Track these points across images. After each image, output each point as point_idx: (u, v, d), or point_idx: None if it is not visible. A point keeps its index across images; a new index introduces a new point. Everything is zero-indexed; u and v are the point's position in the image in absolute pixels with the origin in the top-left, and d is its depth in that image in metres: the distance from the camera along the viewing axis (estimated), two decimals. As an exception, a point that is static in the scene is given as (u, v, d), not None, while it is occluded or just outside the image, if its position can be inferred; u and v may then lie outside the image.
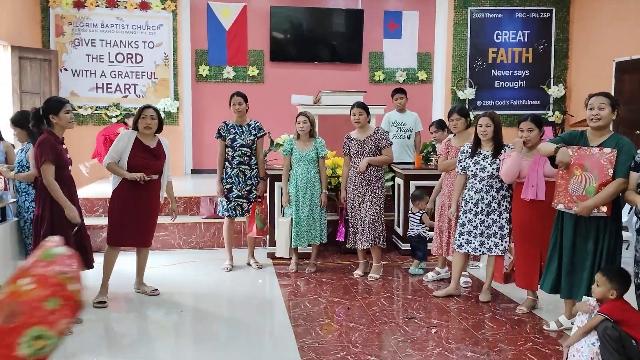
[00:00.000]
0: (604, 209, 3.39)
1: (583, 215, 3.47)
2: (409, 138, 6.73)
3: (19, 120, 4.58)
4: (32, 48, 8.17)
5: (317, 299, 4.55)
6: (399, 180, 6.04)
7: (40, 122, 3.95)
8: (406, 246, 5.87)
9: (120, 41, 8.89)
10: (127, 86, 8.95)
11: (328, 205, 5.40)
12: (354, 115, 5.04)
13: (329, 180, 5.64)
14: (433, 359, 3.40)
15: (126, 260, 4.77)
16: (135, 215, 4.35)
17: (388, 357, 3.45)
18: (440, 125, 5.81)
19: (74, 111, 8.58)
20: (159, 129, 4.47)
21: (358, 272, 5.18)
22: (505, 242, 4.38)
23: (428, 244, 5.20)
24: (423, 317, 4.17)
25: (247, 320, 4.15)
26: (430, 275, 5.06)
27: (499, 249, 4.38)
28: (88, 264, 3.99)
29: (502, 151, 4.35)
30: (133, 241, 4.49)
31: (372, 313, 4.20)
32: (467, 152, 4.49)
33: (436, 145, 5.83)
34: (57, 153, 3.79)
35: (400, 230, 6.01)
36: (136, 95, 8.89)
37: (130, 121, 7.86)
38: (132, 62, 8.95)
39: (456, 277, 4.61)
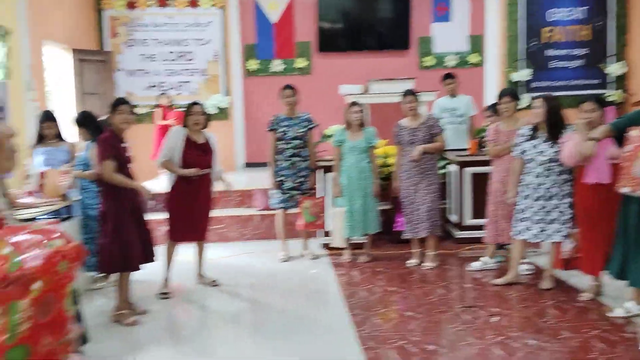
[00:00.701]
0: None
1: None
2: (462, 123, 6.58)
3: (82, 120, 4.78)
4: (90, 50, 8.50)
5: (373, 288, 4.55)
6: (453, 167, 5.94)
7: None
8: (461, 234, 5.78)
9: (172, 40, 9.10)
10: (180, 84, 9.16)
11: (380, 195, 5.37)
12: (408, 103, 4.98)
13: (380, 169, 5.61)
14: (494, 348, 3.34)
15: (187, 253, 4.92)
16: (192, 211, 4.48)
17: (448, 345, 3.42)
18: (495, 109, 5.66)
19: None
20: (205, 125, 4.57)
21: (413, 261, 5.14)
22: (567, 227, 4.23)
23: (479, 231, 5.06)
24: (482, 305, 4.10)
25: (304, 309, 4.20)
26: (477, 264, 4.96)
27: (560, 235, 4.25)
28: (151, 257, 4.13)
29: (562, 133, 4.20)
30: (191, 236, 4.63)
31: (429, 302, 4.17)
32: (525, 135, 4.36)
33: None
34: (117, 151, 3.93)
35: (455, 218, 5.91)
36: (189, 93, 9.09)
37: (163, 100, 8.13)
38: (183, 60, 9.15)
39: (515, 264, 4.50)
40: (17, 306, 0.95)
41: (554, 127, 4.23)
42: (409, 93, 5.03)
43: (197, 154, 4.48)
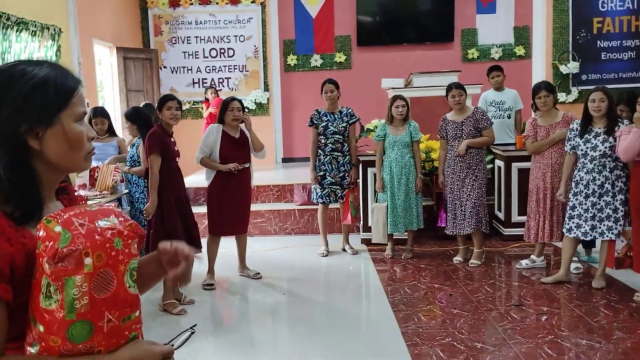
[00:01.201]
0: None
1: None
2: (509, 117, 6.39)
3: (132, 115, 4.87)
4: (134, 48, 8.67)
5: (417, 284, 4.47)
6: (499, 162, 5.77)
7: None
8: (508, 231, 5.61)
9: (213, 37, 9.20)
10: (220, 80, 9.26)
11: (423, 191, 5.27)
12: (454, 96, 4.86)
13: (422, 164, 5.50)
14: (545, 347, 3.22)
15: (230, 246, 4.95)
16: (233, 205, 4.53)
17: (496, 344, 3.31)
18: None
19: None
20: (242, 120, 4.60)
21: (458, 258, 5.02)
22: (620, 225, 4.05)
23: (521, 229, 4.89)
24: (531, 304, 3.96)
25: (345, 304, 4.16)
26: (525, 262, 4.79)
27: (612, 233, 4.06)
28: (195, 247, 4.16)
29: (616, 128, 4.01)
30: (232, 229, 4.68)
31: (476, 300, 4.06)
32: (576, 129, 4.19)
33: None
34: (165, 145, 4.00)
35: (501, 215, 5.75)
36: (229, 89, 9.17)
37: (210, 95, 8.09)
38: (224, 57, 9.24)
39: (566, 263, 4.33)
40: (72, 281, 0.95)
41: (613, 121, 4.04)
42: (455, 86, 4.91)
43: (235, 148, 4.52)
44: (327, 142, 5.23)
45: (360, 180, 5.62)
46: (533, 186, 4.68)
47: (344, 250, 5.50)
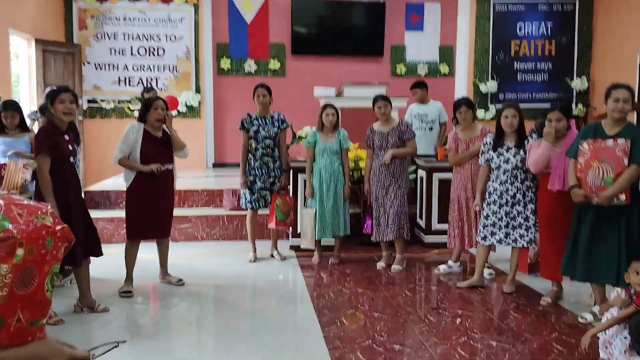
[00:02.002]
0: (623, 197, 3.49)
1: (605, 205, 3.55)
2: (431, 130, 6.69)
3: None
4: (56, 41, 8.30)
5: (341, 289, 4.57)
6: (422, 173, 6.03)
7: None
8: (429, 238, 5.86)
9: (143, 35, 8.99)
10: (149, 79, 9.04)
11: (350, 198, 5.41)
12: (380, 108, 5.04)
13: (351, 172, 5.65)
14: (458, 348, 3.41)
15: (151, 251, 4.84)
16: (154, 207, 4.39)
17: (413, 345, 3.47)
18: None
19: (97, 104, 8.86)
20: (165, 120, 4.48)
21: (381, 264, 5.19)
22: (531, 233, 4.36)
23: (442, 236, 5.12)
24: (447, 307, 4.17)
25: (271, 310, 4.19)
26: (443, 268, 5.05)
27: (524, 241, 4.36)
28: (94, 252, 3.99)
29: (526, 142, 4.32)
30: (153, 233, 4.53)
31: (396, 303, 4.22)
32: (489, 143, 4.47)
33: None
34: (55, 144, 3.69)
35: (422, 223, 6.00)
36: (158, 89, 8.96)
37: (147, 93, 7.74)
38: (154, 56, 9.04)
39: (480, 268, 4.59)
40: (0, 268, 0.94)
41: (522, 136, 4.36)
42: (381, 97, 5.10)
43: (157, 149, 4.39)
44: (258, 146, 5.25)
45: (290, 186, 5.68)
46: (454, 196, 4.93)
47: (272, 256, 5.52)
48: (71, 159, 3.83)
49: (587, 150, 3.60)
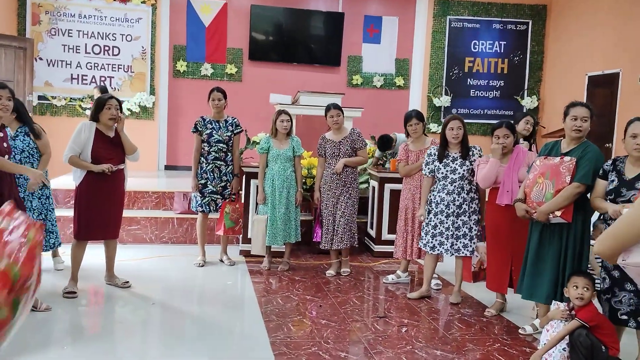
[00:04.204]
0: (558, 213, 3.50)
1: (543, 221, 3.60)
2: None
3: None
4: (7, 35, 8.01)
5: (290, 296, 4.56)
6: (374, 183, 6.10)
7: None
8: (379, 248, 5.92)
9: (98, 33, 8.78)
10: (102, 78, 8.83)
11: (302, 205, 5.42)
12: (332, 116, 5.08)
13: (304, 180, 5.66)
14: (403, 357, 3.44)
15: (97, 253, 4.70)
16: (103, 208, 4.31)
17: (359, 353, 3.48)
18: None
19: (47, 101, 8.57)
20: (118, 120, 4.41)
21: (331, 272, 5.20)
22: (474, 243, 4.45)
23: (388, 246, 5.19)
24: (394, 316, 4.21)
25: (217, 315, 4.13)
26: (391, 277, 5.10)
27: (467, 250, 4.46)
28: None
29: (470, 153, 4.43)
30: (101, 234, 4.44)
31: (343, 311, 4.23)
32: (434, 154, 4.55)
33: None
34: None
35: (373, 233, 6.06)
36: (111, 88, 8.76)
37: (97, 94, 7.41)
38: (108, 55, 8.84)
39: (428, 278, 4.66)
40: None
41: (467, 147, 4.47)
42: (334, 106, 5.13)
43: (109, 148, 4.32)
44: (211, 150, 5.19)
45: (242, 192, 5.63)
46: (402, 206, 5.00)
47: (221, 261, 5.45)
48: (4, 157, 3.65)
49: (538, 167, 3.66)
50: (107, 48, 8.82)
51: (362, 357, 3.42)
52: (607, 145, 7.82)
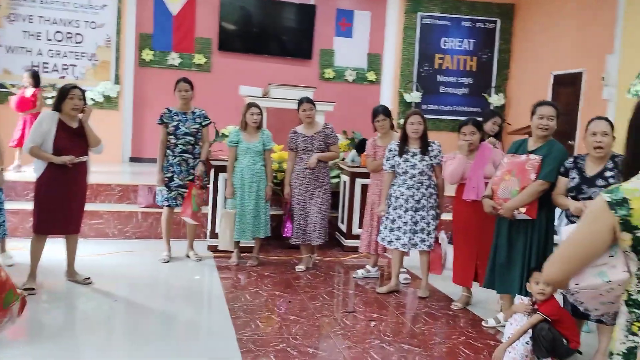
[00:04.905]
0: (523, 210, 3.56)
1: (508, 217, 3.64)
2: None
3: None
4: (-38, 19, 7.66)
5: (258, 292, 4.49)
6: (345, 178, 6.07)
7: None
8: (349, 242, 5.91)
9: (60, 19, 8.49)
10: (64, 67, 8.56)
11: (272, 200, 5.35)
12: (305, 110, 5.02)
13: (274, 174, 5.59)
14: (371, 351, 3.43)
15: (57, 248, 4.55)
16: (64, 201, 4.19)
17: (327, 349, 3.46)
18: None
19: (5, 89, 8.23)
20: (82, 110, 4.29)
21: (301, 267, 5.16)
22: (431, 237, 4.47)
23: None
24: (363, 311, 4.20)
25: (183, 312, 4.04)
26: (360, 272, 5.10)
27: (425, 245, 4.48)
28: None
29: (429, 148, 4.44)
30: (62, 228, 4.32)
31: (313, 307, 4.20)
32: (394, 150, 4.56)
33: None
34: None
35: (344, 227, 6.04)
36: (74, 77, 8.50)
37: (27, 80, 7.03)
38: (71, 42, 8.57)
39: (396, 273, 4.67)
40: None
41: (426, 142, 4.49)
42: (306, 100, 5.08)
43: (72, 140, 4.19)
44: (177, 142, 5.07)
45: (210, 186, 5.53)
46: (369, 201, 5.00)
47: (187, 256, 5.34)
48: None
49: (505, 164, 3.71)
50: (69, 35, 8.55)
51: (331, 353, 3.40)
52: (570, 142, 7.99)
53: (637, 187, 1.37)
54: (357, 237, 5.82)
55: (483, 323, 4.02)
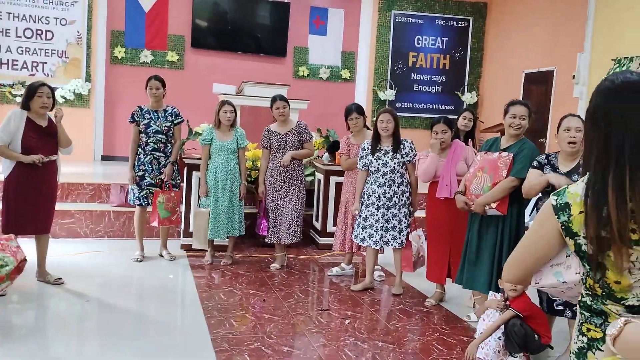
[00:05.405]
0: (494, 205, 3.62)
1: (480, 213, 3.71)
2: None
3: None
4: None
5: (232, 291, 4.47)
6: (319, 175, 6.08)
7: None
8: (324, 240, 5.92)
9: (30, 16, 8.30)
10: (34, 64, 8.38)
11: (246, 198, 5.33)
12: (278, 108, 5.00)
13: (248, 172, 5.57)
14: (345, 349, 3.45)
15: (27, 248, 4.45)
16: (33, 201, 4.13)
17: (302, 347, 3.46)
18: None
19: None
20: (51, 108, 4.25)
21: (275, 265, 5.15)
22: (403, 235, 4.51)
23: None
24: (338, 308, 4.22)
25: (156, 312, 4.00)
26: (335, 270, 5.12)
27: (396, 242, 4.51)
28: None
29: (401, 146, 4.48)
30: (32, 228, 4.25)
31: (287, 305, 4.20)
32: (367, 148, 4.58)
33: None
34: None
35: (318, 225, 6.05)
36: (44, 74, 8.32)
37: None
38: (41, 39, 8.39)
39: (370, 270, 4.70)
40: None
41: (398, 140, 4.51)
42: (280, 98, 5.06)
43: (41, 138, 4.13)
44: (149, 141, 5.01)
45: (184, 184, 5.47)
46: (344, 199, 5.02)
47: (161, 255, 5.29)
48: None
49: (478, 161, 3.79)
50: (39, 32, 8.36)
51: (305, 351, 3.41)
52: (541, 140, 8.14)
53: (578, 191, 1.34)
54: (331, 235, 5.82)
55: (465, 318, 4.09)
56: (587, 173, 1.35)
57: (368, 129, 5.04)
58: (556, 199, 1.37)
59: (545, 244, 1.40)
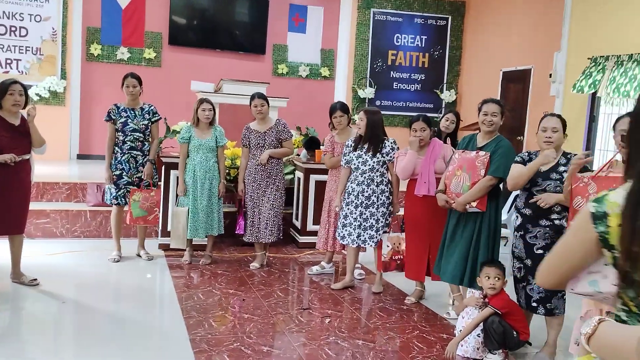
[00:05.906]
0: (475, 204, 3.69)
1: (461, 211, 3.76)
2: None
3: None
4: None
5: (212, 290, 4.43)
6: (299, 174, 6.06)
7: None
8: (304, 239, 5.90)
9: (3, 12, 8.11)
10: (8, 61, 8.19)
11: (225, 197, 5.28)
12: (256, 106, 4.97)
13: (227, 170, 5.52)
14: (326, 348, 3.44)
15: (1, 249, 4.36)
16: (6, 201, 4.03)
17: (282, 346, 3.45)
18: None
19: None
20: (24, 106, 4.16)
21: (255, 264, 5.12)
22: (379, 235, 4.51)
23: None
24: (318, 307, 4.21)
25: (134, 312, 3.94)
26: (315, 269, 5.11)
27: (373, 241, 4.52)
28: None
29: (381, 144, 4.49)
30: (4, 229, 4.16)
31: (267, 304, 4.17)
32: (350, 146, 4.59)
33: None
34: None
35: (298, 224, 6.03)
36: (18, 72, 8.14)
37: None
38: (15, 36, 8.20)
39: (351, 269, 4.70)
40: None
41: (375, 138, 4.51)
42: (258, 95, 5.03)
43: (13, 137, 4.04)
44: (126, 139, 4.93)
45: (162, 183, 5.41)
46: (327, 198, 5.01)
47: (138, 255, 5.22)
48: None
49: (456, 160, 3.83)
50: (13, 28, 8.17)
51: (285, 351, 3.39)
52: (519, 138, 8.23)
53: (617, 200, 1.23)
54: (311, 233, 5.83)
55: (445, 315, 4.11)
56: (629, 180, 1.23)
57: (351, 127, 5.05)
58: (595, 206, 1.26)
59: (581, 251, 1.30)
